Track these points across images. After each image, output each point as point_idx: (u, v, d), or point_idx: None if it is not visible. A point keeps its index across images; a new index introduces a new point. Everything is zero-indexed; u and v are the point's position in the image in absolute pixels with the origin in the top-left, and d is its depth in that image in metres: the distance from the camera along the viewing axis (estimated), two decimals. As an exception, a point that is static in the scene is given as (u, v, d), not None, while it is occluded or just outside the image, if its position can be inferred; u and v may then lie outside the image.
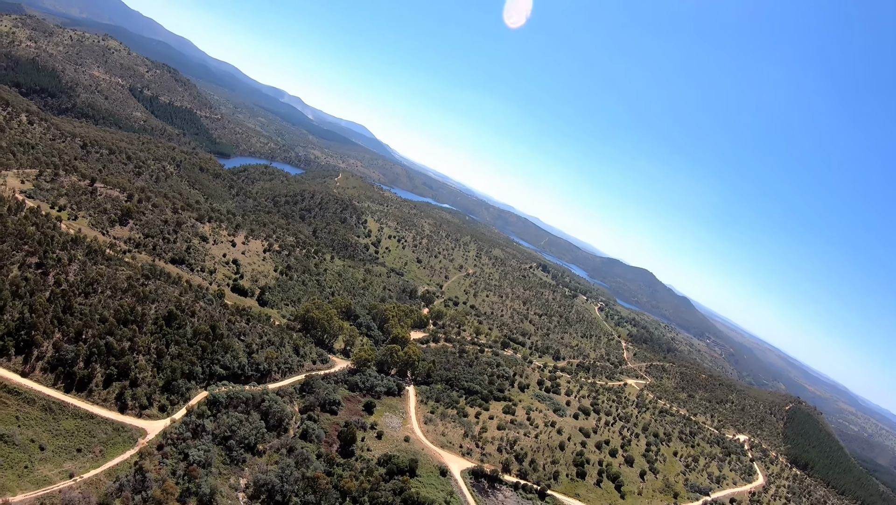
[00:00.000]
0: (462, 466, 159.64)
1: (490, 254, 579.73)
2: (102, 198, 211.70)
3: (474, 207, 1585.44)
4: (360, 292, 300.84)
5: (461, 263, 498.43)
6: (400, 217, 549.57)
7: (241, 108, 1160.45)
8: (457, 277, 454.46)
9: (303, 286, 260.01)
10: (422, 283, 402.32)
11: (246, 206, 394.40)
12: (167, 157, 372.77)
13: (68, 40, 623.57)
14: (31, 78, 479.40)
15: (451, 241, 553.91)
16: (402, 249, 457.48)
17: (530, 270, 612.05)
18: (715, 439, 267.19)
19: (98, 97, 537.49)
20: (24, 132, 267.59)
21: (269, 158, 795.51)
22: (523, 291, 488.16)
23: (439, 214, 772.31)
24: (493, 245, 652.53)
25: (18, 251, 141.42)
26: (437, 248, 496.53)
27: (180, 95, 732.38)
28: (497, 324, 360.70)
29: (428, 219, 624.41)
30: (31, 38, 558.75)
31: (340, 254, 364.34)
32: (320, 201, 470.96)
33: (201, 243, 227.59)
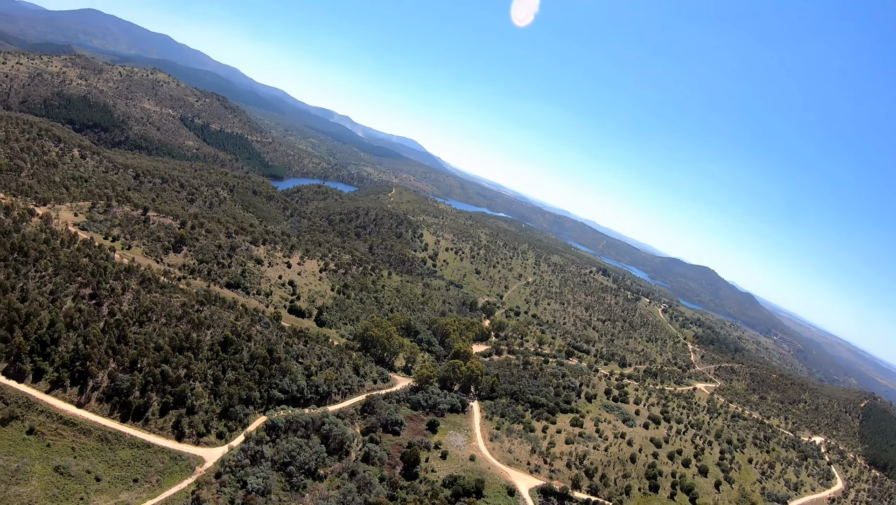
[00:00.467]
0: (530, 483, 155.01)
1: (549, 261, 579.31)
2: (155, 226, 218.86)
3: (530, 214, 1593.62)
4: (420, 307, 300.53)
5: (520, 271, 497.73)
6: (456, 229, 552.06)
7: (291, 131, 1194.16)
8: (517, 286, 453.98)
9: (361, 304, 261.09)
10: (481, 294, 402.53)
11: (301, 226, 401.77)
12: (220, 183, 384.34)
13: (118, 76, 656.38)
14: (83, 114, 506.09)
15: (508, 249, 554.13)
16: (459, 261, 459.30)
17: (590, 275, 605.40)
18: (790, 443, 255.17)
19: (150, 129, 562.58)
20: (77, 166, 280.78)
21: (321, 178, 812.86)
22: (585, 296, 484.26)
23: (495, 224, 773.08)
24: (551, 252, 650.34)
25: (72, 283, 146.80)
26: (495, 258, 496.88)
27: (231, 122, 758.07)
28: (560, 332, 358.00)
29: (484, 229, 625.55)
30: (81, 76, 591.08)
31: (398, 269, 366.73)
32: (375, 217, 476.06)
33: (256, 266, 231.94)
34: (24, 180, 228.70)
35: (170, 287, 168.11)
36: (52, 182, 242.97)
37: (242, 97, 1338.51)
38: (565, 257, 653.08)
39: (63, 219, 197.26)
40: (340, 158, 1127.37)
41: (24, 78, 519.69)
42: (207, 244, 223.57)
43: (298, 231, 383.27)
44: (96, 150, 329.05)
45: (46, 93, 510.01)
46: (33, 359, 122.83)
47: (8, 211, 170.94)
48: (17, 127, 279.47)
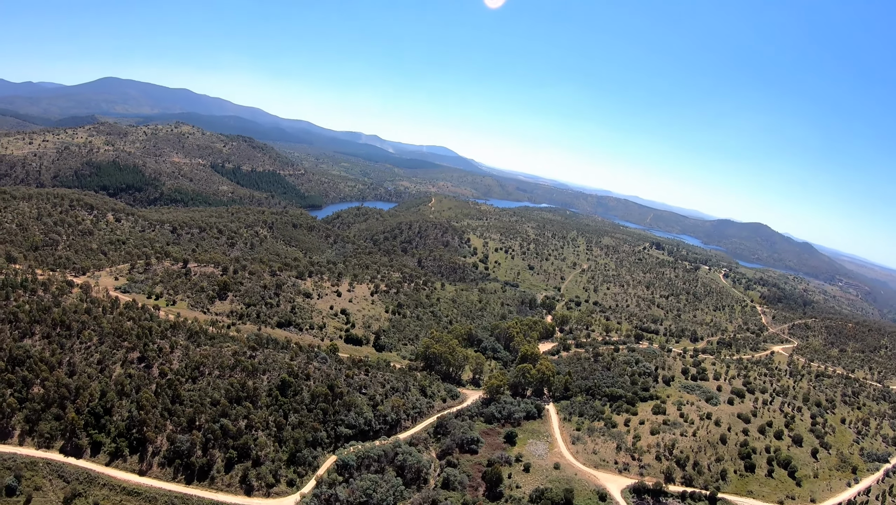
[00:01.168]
0: (621, 484, 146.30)
1: (600, 244, 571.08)
2: (197, 277, 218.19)
3: (572, 200, 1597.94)
4: (479, 314, 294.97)
5: (574, 260, 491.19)
6: (502, 227, 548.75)
7: (322, 159, 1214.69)
8: (572, 275, 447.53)
9: (418, 321, 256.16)
10: (539, 290, 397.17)
11: (346, 251, 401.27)
12: (258, 222, 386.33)
13: (143, 136, 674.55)
14: (115, 178, 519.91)
15: (558, 239, 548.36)
16: (511, 260, 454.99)
17: (645, 252, 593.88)
18: (880, 395, 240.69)
19: (183, 181, 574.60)
20: (114, 230, 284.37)
21: (360, 200, 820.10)
22: (643, 274, 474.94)
23: (540, 215, 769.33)
24: (600, 234, 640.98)
25: (118, 349, 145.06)
26: (546, 251, 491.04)
27: (261, 161, 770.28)
28: (625, 316, 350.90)
29: (530, 223, 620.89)
30: (107, 142, 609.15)
31: (450, 278, 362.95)
32: (419, 230, 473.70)
33: (305, 300, 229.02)
34: (62, 253, 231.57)
35: (219, 337, 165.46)
36: (89, 250, 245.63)
37: (269, 135, 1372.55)
38: (616, 238, 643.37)
39: (103, 285, 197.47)
40: (375, 177, 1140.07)
41: (52, 154, 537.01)
42: (252, 286, 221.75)
43: (344, 257, 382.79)
44: (130, 210, 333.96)
45: (76, 164, 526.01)
46: (89, 432, 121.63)
47: (46, 286, 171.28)
48: (49, 202, 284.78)
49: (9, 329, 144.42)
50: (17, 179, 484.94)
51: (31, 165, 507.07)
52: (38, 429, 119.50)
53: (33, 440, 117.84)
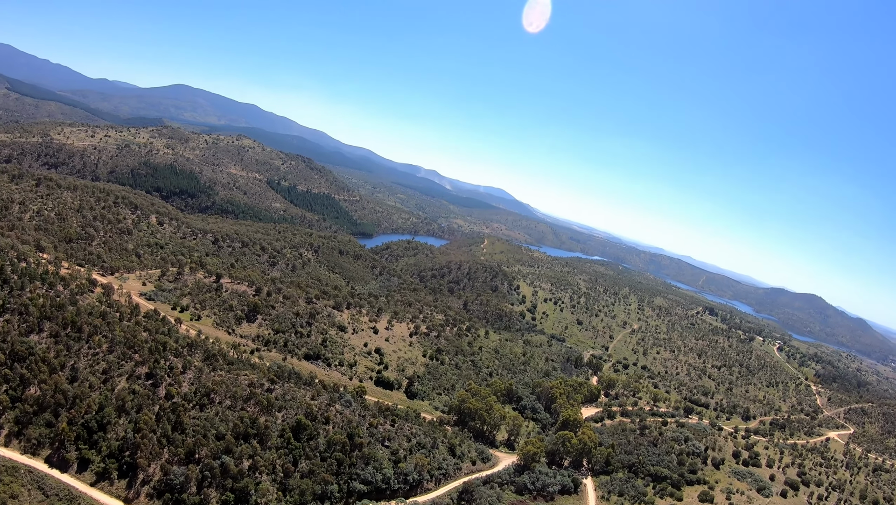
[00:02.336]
0: None
1: (652, 304, 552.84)
2: (228, 294, 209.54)
3: (624, 255, 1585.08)
4: (521, 368, 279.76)
5: (624, 318, 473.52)
6: (553, 277, 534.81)
7: (379, 188, 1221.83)
8: (622, 334, 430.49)
9: (456, 370, 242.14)
10: (586, 347, 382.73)
11: (390, 284, 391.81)
12: (304, 244, 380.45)
13: (204, 144, 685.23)
14: (170, 181, 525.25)
15: (609, 295, 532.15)
16: (559, 312, 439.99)
17: (698, 316, 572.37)
18: None
19: (237, 193, 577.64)
20: (154, 233, 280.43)
21: (411, 233, 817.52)
22: (695, 341, 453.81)
23: (592, 268, 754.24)
24: (653, 294, 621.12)
25: (127, 361, 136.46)
26: (596, 306, 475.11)
27: (317, 182, 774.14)
28: (674, 384, 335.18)
29: (582, 275, 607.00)
30: (168, 145, 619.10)
31: (495, 326, 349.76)
32: (468, 271, 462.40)
33: (339, 334, 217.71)
34: (94, 249, 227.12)
35: (238, 363, 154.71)
36: (124, 250, 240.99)
37: (330, 158, 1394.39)
38: (669, 299, 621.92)
39: (129, 288, 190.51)
40: (429, 212, 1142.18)
41: (112, 149, 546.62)
42: (285, 312, 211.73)
43: (388, 290, 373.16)
44: (175, 215, 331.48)
45: (134, 162, 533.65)
46: (79, 446, 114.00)
47: (67, 282, 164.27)
48: (93, 196, 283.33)
49: (17, 322, 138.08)
50: (74, 170, 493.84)
51: (90, 158, 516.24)
52: (27, 433, 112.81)
53: (20, 444, 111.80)
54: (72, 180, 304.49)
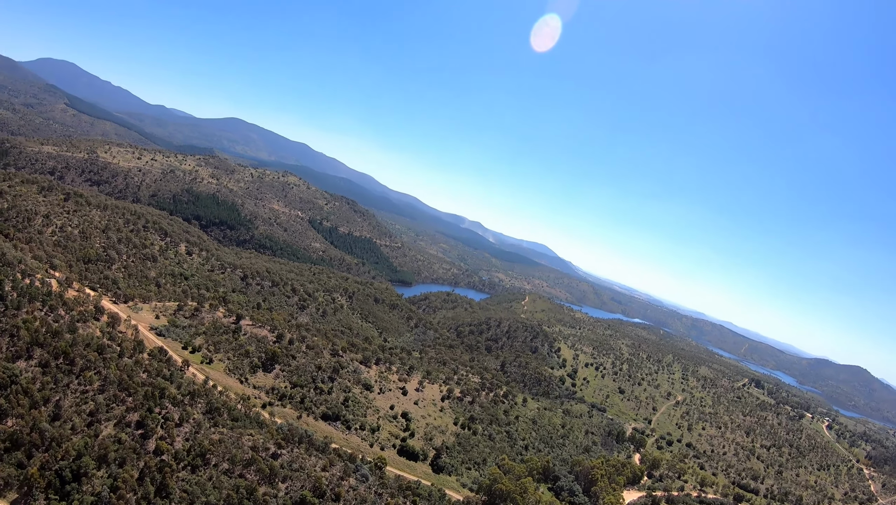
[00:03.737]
0: None
1: (696, 374, 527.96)
2: (247, 338, 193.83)
3: (665, 319, 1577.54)
4: (559, 442, 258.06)
5: (668, 388, 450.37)
6: (595, 340, 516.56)
7: (422, 236, 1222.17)
8: (665, 407, 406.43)
9: (489, 441, 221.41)
10: (628, 418, 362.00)
11: (426, 338, 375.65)
12: (339, 288, 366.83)
13: (249, 177, 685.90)
14: (210, 211, 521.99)
15: (652, 363, 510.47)
16: (601, 379, 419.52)
17: (744, 389, 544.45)
18: None
19: (277, 229, 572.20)
20: (181, 262, 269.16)
21: (451, 284, 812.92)
22: (742, 417, 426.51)
23: (634, 332, 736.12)
24: (697, 363, 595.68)
25: (118, 404, 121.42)
26: (639, 374, 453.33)
27: (359, 225, 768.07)
28: (721, 465, 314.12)
29: (625, 339, 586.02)
30: (213, 175, 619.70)
31: (533, 391, 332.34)
32: (507, 329, 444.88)
33: (363, 393, 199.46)
34: (113, 273, 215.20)
35: (244, 419, 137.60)
36: (144, 277, 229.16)
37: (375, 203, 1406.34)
38: (713, 369, 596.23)
39: (140, 320, 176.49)
40: (471, 264, 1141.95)
41: (156, 173, 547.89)
42: (306, 363, 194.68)
43: (423, 344, 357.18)
44: (206, 246, 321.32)
45: (177, 188, 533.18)
46: (48, 496, 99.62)
47: (70, 306, 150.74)
48: (122, 217, 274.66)
49: (5, 344, 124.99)
50: (116, 189, 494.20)
51: (133, 179, 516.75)
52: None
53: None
54: (103, 199, 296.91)
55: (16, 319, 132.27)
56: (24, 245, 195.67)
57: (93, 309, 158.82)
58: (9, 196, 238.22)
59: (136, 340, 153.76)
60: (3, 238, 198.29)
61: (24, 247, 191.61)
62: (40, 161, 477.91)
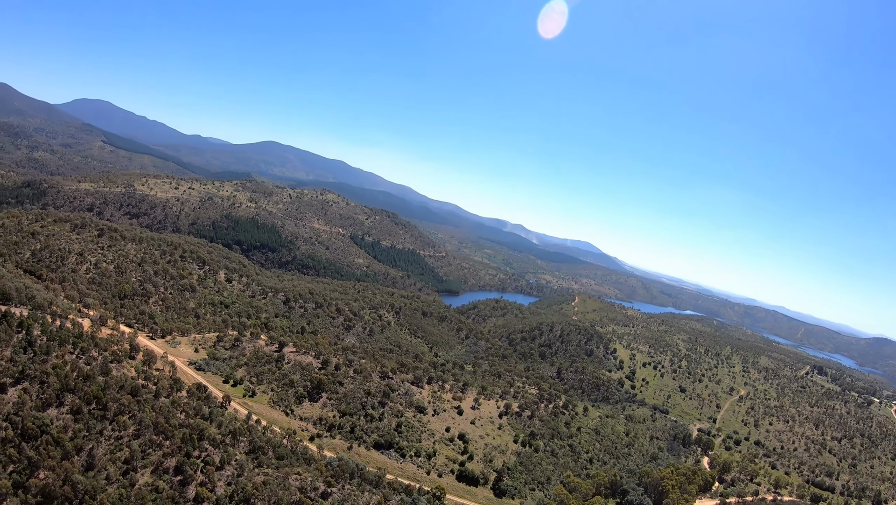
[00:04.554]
0: None
1: (757, 365, 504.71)
2: (290, 366, 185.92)
3: (718, 309, 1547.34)
4: (624, 452, 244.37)
5: (730, 383, 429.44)
6: (650, 338, 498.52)
7: (465, 243, 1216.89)
8: (729, 403, 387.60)
9: (552, 458, 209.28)
10: (691, 418, 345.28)
11: (477, 350, 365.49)
12: (385, 304, 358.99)
13: (287, 198, 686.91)
14: (251, 235, 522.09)
15: (711, 357, 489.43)
16: (660, 378, 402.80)
17: (807, 378, 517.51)
18: None
19: (319, 248, 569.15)
20: (221, 290, 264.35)
21: (499, 290, 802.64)
22: (809, 408, 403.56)
23: (688, 325, 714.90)
24: (756, 353, 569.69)
25: (155, 450, 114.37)
26: (698, 370, 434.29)
27: (402, 238, 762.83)
28: (792, 463, 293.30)
29: (680, 334, 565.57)
30: (251, 199, 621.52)
31: (592, 397, 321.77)
32: (560, 334, 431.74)
33: (417, 416, 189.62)
34: (149, 307, 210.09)
35: (291, 456, 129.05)
36: (182, 309, 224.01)
37: (416, 213, 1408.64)
38: (774, 358, 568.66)
39: (178, 356, 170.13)
40: (517, 268, 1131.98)
41: (195, 202, 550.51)
42: (355, 389, 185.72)
43: (475, 356, 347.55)
44: (246, 272, 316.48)
45: (216, 215, 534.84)
46: None
47: (103, 347, 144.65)
48: (159, 248, 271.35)
49: (35, 392, 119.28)
50: (155, 220, 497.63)
51: (171, 209, 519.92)
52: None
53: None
54: (138, 231, 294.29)
55: (45, 364, 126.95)
56: (57, 285, 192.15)
57: (127, 347, 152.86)
58: (42, 236, 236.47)
59: (174, 377, 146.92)
60: (35, 280, 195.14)
61: (57, 287, 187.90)
62: (78, 198, 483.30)
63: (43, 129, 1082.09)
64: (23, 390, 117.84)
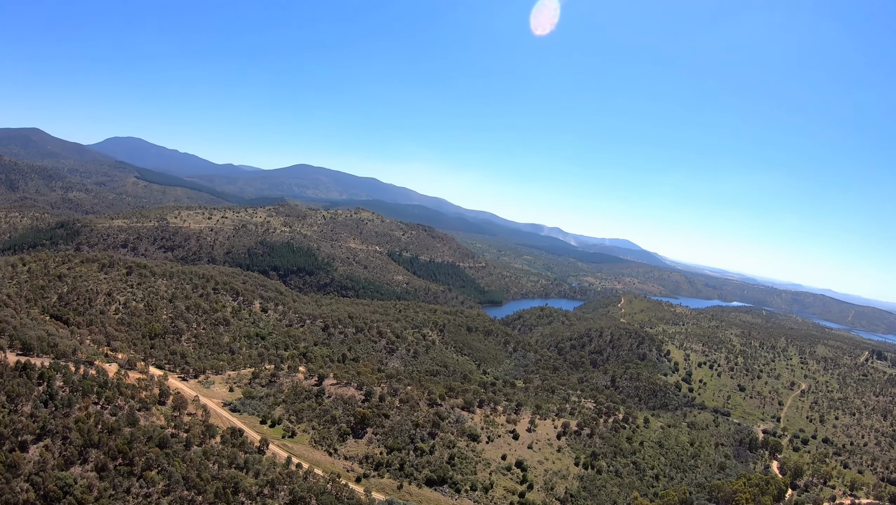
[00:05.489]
0: None
1: (814, 355, 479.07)
2: (331, 401, 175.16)
3: (764, 297, 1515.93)
4: (691, 463, 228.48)
5: (789, 377, 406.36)
6: (702, 335, 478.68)
7: (504, 251, 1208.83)
8: (791, 398, 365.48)
9: (616, 478, 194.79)
10: (754, 419, 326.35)
11: (527, 363, 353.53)
12: (428, 323, 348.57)
13: (321, 220, 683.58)
14: (287, 259, 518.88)
15: (766, 350, 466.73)
16: (717, 378, 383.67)
17: (868, 365, 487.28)
18: None
19: (357, 267, 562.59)
20: (256, 322, 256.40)
21: (542, 296, 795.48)
22: (875, 397, 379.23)
23: (739, 318, 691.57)
24: (812, 342, 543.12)
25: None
26: (756, 366, 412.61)
27: (440, 251, 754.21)
28: (865, 459, 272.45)
29: (732, 328, 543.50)
30: (285, 223, 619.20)
31: (649, 404, 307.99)
32: (610, 339, 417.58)
33: (470, 445, 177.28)
34: (181, 346, 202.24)
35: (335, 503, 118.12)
36: (216, 345, 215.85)
37: (451, 225, 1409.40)
38: (830, 346, 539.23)
39: (212, 397, 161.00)
40: (558, 272, 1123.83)
41: (228, 230, 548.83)
42: (402, 421, 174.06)
43: (525, 371, 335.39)
44: (282, 300, 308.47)
45: (250, 242, 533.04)
46: None
47: (131, 394, 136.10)
48: (190, 282, 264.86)
49: (58, 449, 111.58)
50: (190, 252, 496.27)
51: (206, 240, 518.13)
52: None
53: None
54: (168, 267, 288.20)
55: (67, 418, 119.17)
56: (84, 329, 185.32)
57: (157, 392, 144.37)
58: (69, 278, 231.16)
59: (206, 423, 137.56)
60: (62, 325, 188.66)
61: (83, 331, 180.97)
62: (111, 235, 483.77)
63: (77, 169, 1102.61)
64: (44, 448, 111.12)
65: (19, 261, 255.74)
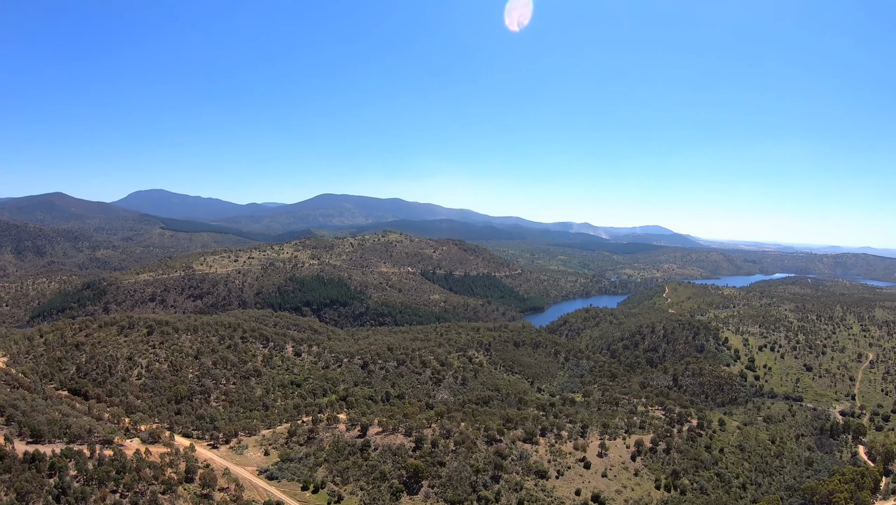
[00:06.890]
0: None
1: (874, 320, 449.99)
2: (378, 453, 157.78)
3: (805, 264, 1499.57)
4: (776, 464, 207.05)
5: (854, 348, 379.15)
6: (755, 315, 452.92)
7: (537, 254, 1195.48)
8: (861, 372, 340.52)
9: (702, 496, 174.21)
10: (828, 400, 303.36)
11: (581, 371, 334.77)
12: (472, 343, 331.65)
13: (349, 248, 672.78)
14: (318, 293, 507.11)
15: (824, 322, 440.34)
16: (781, 360, 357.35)
17: None
18: None
19: (391, 292, 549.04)
20: (289, 368, 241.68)
21: (583, 296, 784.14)
22: None
23: (788, 291, 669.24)
24: (868, 306, 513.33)
25: None
26: (817, 341, 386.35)
27: (473, 264, 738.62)
28: None
29: (785, 304, 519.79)
30: (312, 256, 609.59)
31: (717, 400, 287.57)
32: (664, 333, 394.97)
33: (538, 484, 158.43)
34: (209, 408, 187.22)
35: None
36: (248, 401, 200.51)
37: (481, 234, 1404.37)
38: (888, 308, 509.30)
39: (246, 464, 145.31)
40: (594, 268, 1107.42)
41: (256, 270, 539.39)
42: (459, 467, 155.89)
43: (581, 381, 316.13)
44: (316, 340, 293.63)
45: (279, 280, 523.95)
46: None
47: (153, 475, 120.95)
48: (216, 334, 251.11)
49: None
50: (220, 298, 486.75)
51: (234, 283, 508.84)
52: None
53: None
54: (192, 320, 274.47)
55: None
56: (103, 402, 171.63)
57: (183, 469, 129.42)
58: (87, 347, 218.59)
59: (240, 500, 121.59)
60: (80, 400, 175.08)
61: (101, 405, 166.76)
62: (138, 291, 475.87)
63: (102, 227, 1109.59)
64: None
65: (37, 332, 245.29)
